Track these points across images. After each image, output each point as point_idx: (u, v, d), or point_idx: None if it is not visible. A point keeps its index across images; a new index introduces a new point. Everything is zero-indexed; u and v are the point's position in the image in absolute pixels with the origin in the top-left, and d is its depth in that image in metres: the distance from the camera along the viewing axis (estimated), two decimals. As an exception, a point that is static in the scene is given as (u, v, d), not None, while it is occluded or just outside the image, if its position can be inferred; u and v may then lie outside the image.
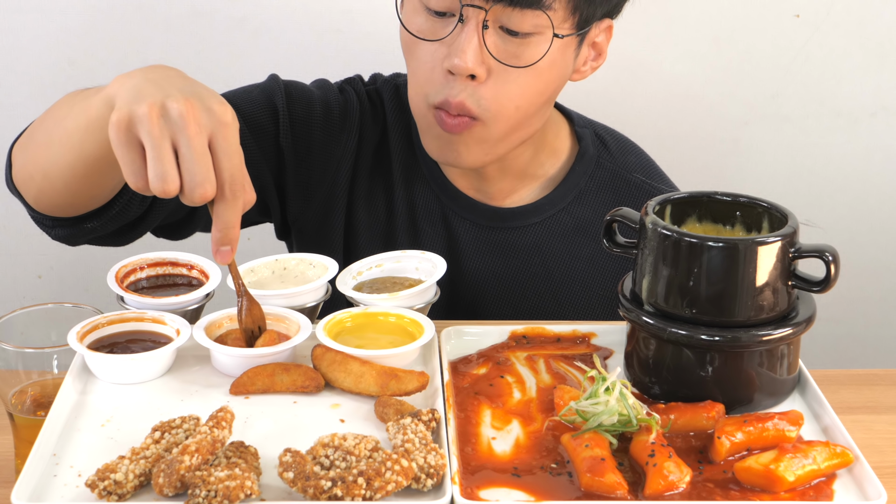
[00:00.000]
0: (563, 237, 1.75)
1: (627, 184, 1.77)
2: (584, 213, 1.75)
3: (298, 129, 1.71)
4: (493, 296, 1.75)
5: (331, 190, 1.74)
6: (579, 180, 1.75)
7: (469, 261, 1.74)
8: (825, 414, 1.28)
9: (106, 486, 1.11)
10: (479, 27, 1.53)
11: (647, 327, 1.31)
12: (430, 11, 1.56)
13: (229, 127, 1.25)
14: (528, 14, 1.53)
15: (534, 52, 1.55)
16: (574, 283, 1.75)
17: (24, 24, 2.19)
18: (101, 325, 1.34)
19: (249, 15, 2.21)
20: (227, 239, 1.26)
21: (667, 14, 2.26)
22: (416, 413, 1.21)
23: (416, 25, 1.58)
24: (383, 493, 1.11)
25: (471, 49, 1.53)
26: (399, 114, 1.76)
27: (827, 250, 1.27)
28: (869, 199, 2.41)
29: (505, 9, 1.52)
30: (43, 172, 1.47)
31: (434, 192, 1.74)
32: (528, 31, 1.54)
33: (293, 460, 1.12)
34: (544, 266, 1.75)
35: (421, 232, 1.74)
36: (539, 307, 1.75)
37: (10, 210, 2.29)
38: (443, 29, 1.56)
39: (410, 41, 1.60)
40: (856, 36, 2.29)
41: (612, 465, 1.17)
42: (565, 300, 1.75)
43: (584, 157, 1.76)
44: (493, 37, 1.54)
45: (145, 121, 1.23)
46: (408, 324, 1.37)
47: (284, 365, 1.30)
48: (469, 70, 1.54)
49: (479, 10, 1.53)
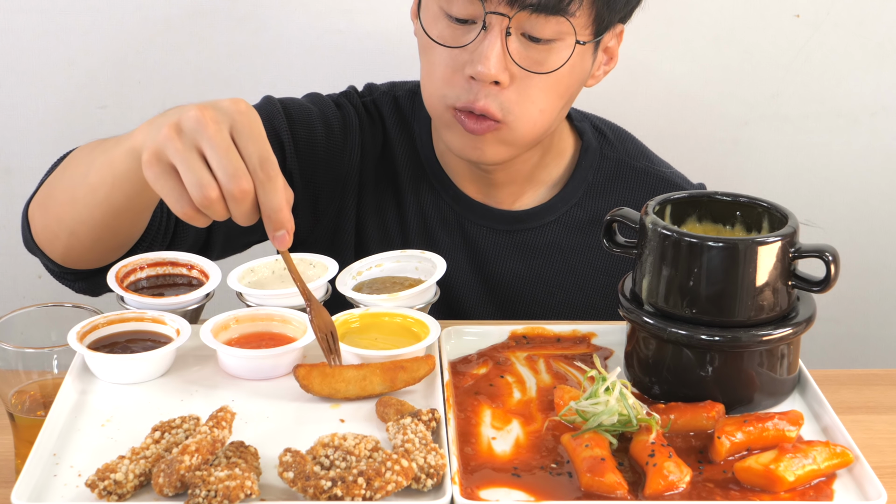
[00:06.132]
0: (579, 231, 1.76)
1: (634, 171, 1.79)
2: (596, 205, 1.76)
3: (303, 152, 1.71)
4: (521, 297, 1.76)
5: (339, 208, 1.74)
6: (587, 174, 1.76)
7: (491, 266, 1.75)
8: (825, 414, 1.28)
9: (106, 486, 1.11)
10: (503, 34, 1.54)
11: (647, 327, 1.31)
12: (451, 18, 1.56)
13: (245, 114, 1.25)
14: (552, 21, 1.53)
15: (556, 58, 1.56)
16: (598, 274, 1.76)
17: (24, 24, 2.19)
18: (101, 325, 1.33)
19: (249, 15, 2.21)
20: (278, 223, 1.24)
21: (667, 14, 2.26)
22: (416, 413, 1.22)
23: (437, 31, 1.58)
24: (383, 493, 1.11)
25: (494, 56, 1.54)
26: (402, 126, 1.76)
27: (827, 250, 1.27)
28: (869, 199, 2.41)
29: (529, 16, 1.53)
30: (69, 230, 1.48)
31: (447, 201, 1.75)
32: (550, 38, 1.55)
33: (293, 460, 1.12)
34: (566, 262, 1.76)
35: (438, 242, 1.74)
36: (567, 302, 1.76)
37: (9, 210, 2.29)
38: (464, 35, 1.56)
39: (429, 44, 1.60)
40: (856, 36, 2.29)
41: (612, 465, 1.17)
42: (592, 291, 1.77)
43: (589, 151, 1.77)
44: (516, 43, 1.55)
45: (168, 142, 1.23)
46: (412, 324, 1.37)
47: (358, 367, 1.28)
48: (493, 77, 1.54)
49: (502, 18, 1.53)
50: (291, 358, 1.33)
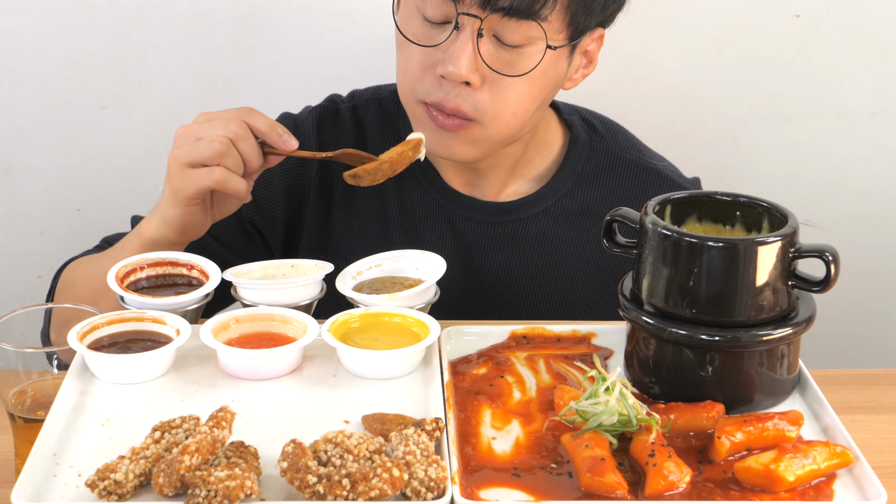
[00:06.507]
0: (568, 222, 1.76)
1: (624, 162, 1.79)
2: (585, 196, 1.76)
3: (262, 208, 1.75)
4: (510, 290, 1.76)
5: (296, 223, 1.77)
6: (576, 165, 1.76)
7: (480, 259, 1.75)
8: (825, 414, 1.28)
9: (106, 486, 1.11)
10: (474, 35, 1.55)
11: (647, 327, 1.31)
12: (426, 18, 1.57)
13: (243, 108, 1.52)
14: (523, 25, 1.54)
15: (527, 61, 1.57)
16: (588, 265, 1.76)
17: (24, 24, 2.19)
18: (101, 325, 1.33)
19: (249, 15, 2.21)
20: (275, 132, 1.51)
21: (667, 14, 2.26)
22: (419, 423, 1.20)
23: (412, 29, 1.59)
24: (365, 498, 1.10)
25: (465, 57, 1.55)
26: (385, 127, 1.78)
27: (827, 250, 1.27)
28: (869, 199, 2.41)
29: (501, 19, 1.54)
30: None
31: (433, 196, 1.75)
32: (521, 41, 1.55)
33: (292, 451, 1.12)
34: (555, 253, 1.76)
35: (423, 237, 1.74)
36: (557, 293, 1.76)
37: (10, 210, 2.29)
38: (438, 35, 1.57)
39: (404, 42, 1.61)
40: (856, 36, 2.29)
41: (612, 465, 1.17)
42: (582, 282, 1.76)
43: (578, 143, 1.77)
44: (488, 45, 1.56)
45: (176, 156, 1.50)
46: (412, 324, 1.37)
47: None
48: (463, 77, 1.55)
49: (474, 19, 1.54)
50: (291, 358, 1.33)
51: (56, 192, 2.29)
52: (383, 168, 1.53)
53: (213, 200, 1.56)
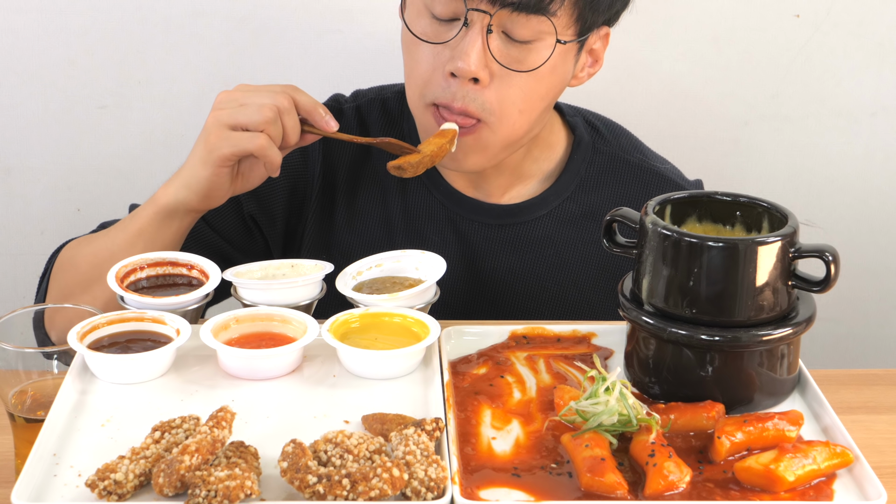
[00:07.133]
0: (572, 225, 1.76)
1: (627, 165, 1.79)
2: (589, 199, 1.76)
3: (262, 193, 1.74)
4: (513, 292, 1.76)
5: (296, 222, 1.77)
6: (580, 168, 1.76)
7: (484, 261, 1.75)
8: (825, 414, 1.28)
9: (106, 486, 1.11)
10: (483, 31, 1.54)
11: (647, 327, 1.31)
12: (434, 16, 1.57)
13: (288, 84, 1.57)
14: (533, 20, 1.54)
15: (536, 57, 1.56)
16: (592, 268, 1.76)
17: (24, 24, 2.19)
18: (101, 325, 1.33)
19: (249, 15, 2.21)
20: (318, 112, 1.55)
21: (667, 14, 2.26)
22: (419, 423, 1.20)
23: (420, 28, 1.59)
24: (365, 498, 1.10)
25: (474, 52, 1.54)
26: (390, 128, 1.77)
27: (827, 250, 1.27)
28: (869, 199, 2.41)
29: (510, 14, 1.53)
30: None
31: (437, 197, 1.75)
32: (531, 37, 1.55)
33: (292, 451, 1.12)
34: (559, 256, 1.76)
35: (427, 239, 1.74)
36: (560, 296, 1.76)
37: (10, 210, 2.29)
38: (447, 32, 1.57)
39: (412, 41, 1.60)
40: (856, 36, 2.29)
41: (612, 465, 1.17)
42: (585, 285, 1.76)
43: (581, 146, 1.77)
44: (497, 41, 1.55)
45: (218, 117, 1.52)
46: (412, 324, 1.37)
47: None
48: (472, 73, 1.55)
49: (483, 15, 1.53)
50: (291, 358, 1.33)
51: (56, 192, 2.29)
52: (425, 161, 1.55)
53: (239, 170, 1.57)
